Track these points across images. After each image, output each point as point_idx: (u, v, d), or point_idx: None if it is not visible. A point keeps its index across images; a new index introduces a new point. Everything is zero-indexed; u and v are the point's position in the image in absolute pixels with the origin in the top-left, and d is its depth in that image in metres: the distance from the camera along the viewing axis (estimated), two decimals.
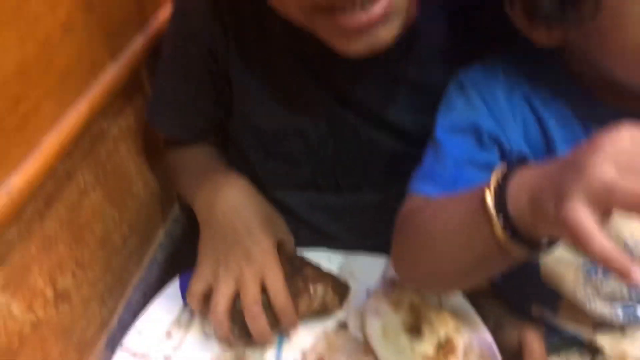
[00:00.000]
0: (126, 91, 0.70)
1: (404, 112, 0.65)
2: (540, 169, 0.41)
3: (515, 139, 0.53)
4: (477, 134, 0.52)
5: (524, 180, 0.41)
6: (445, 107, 0.56)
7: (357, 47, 0.51)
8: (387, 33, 0.51)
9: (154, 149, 0.81)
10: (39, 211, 0.59)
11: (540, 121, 0.53)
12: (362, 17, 0.48)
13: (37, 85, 0.55)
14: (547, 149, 0.53)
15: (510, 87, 0.55)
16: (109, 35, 0.64)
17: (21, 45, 0.52)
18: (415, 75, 0.64)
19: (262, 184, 0.72)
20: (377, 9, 0.48)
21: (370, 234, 0.73)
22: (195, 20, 0.64)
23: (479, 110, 0.53)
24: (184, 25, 0.66)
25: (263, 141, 0.69)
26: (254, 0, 0.61)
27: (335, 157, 0.69)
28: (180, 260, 0.86)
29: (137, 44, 0.70)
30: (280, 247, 0.65)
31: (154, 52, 0.73)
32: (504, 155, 0.53)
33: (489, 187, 0.42)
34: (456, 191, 0.50)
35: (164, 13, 0.74)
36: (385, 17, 0.49)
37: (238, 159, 0.75)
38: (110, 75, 0.65)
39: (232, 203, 0.65)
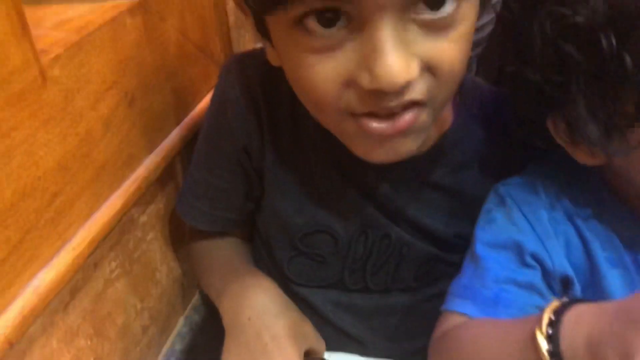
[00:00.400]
0: (159, 181, 0.70)
1: (436, 216, 0.65)
2: (596, 311, 0.38)
3: (559, 259, 0.51)
4: (518, 252, 0.51)
5: (578, 323, 0.39)
6: (485, 221, 0.55)
7: (379, 154, 0.52)
8: (410, 144, 0.52)
9: (179, 235, 0.80)
10: (63, 303, 0.58)
11: (583, 241, 0.52)
12: (387, 126, 0.49)
13: (75, 180, 0.55)
14: (592, 271, 0.52)
15: (551, 204, 0.53)
16: (147, 129, 0.65)
17: (63, 141, 0.53)
18: (447, 180, 0.64)
19: (287, 280, 0.71)
20: (401, 122, 0.49)
21: (398, 338, 0.70)
22: (232, 116, 0.65)
23: (521, 227, 0.52)
24: (220, 121, 0.67)
25: (291, 238, 0.69)
26: (290, 100, 0.62)
27: (365, 258, 0.68)
28: (198, 351, 0.83)
29: (174, 135, 0.70)
30: (306, 354, 0.63)
31: (189, 142, 0.74)
32: (546, 274, 0.52)
33: (540, 328, 0.39)
34: (497, 312, 0.49)
35: (202, 105, 0.76)
36: (409, 130, 0.50)
37: (264, 251, 0.74)
38: (145, 167, 0.65)
39: (259, 309, 0.63)
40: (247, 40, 0.89)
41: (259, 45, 0.61)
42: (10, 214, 0.49)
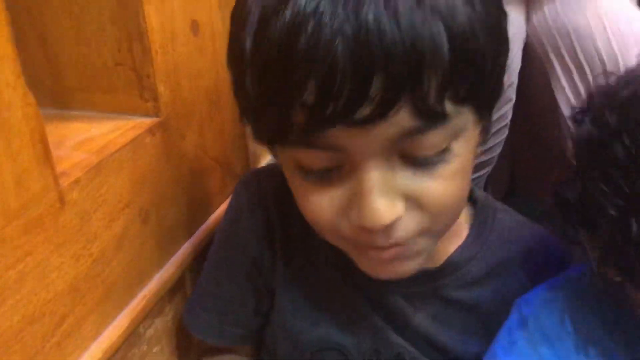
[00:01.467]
0: (168, 294, 0.69)
1: (451, 334, 0.63)
2: None
3: None
4: None
5: None
6: (507, 342, 0.53)
7: (383, 273, 0.55)
8: (411, 265, 0.54)
9: (184, 347, 0.78)
10: None
11: None
12: (383, 253, 0.51)
13: (84, 301, 0.54)
14: None
15: (577, 333, 0.52)
16: (160, 244, 0.64)
17: (76, 263, 0.52)
18: (462, 296, 0.63)
19: None
20: (390, 252, 0.51)
21: None
22: (244, 229, 0.65)
23: (545, 357, 0.50)
24: (232, 234, 0.67)
25: (301, 355, 0.67)
26: (302, 220, 0.62)
27: None
28: None
29: (185, 248, 0.70)
30: None
31: (200, 253, 0.73)
32: None
33: None
34: None
35: (216, 215, 0.76)
36: (406, 254, 0.52)
37: None
38: (155, 283, 0.64)
39: None
40: (262, 148, 0.90)
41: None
42: (17, 340, 0.47)
